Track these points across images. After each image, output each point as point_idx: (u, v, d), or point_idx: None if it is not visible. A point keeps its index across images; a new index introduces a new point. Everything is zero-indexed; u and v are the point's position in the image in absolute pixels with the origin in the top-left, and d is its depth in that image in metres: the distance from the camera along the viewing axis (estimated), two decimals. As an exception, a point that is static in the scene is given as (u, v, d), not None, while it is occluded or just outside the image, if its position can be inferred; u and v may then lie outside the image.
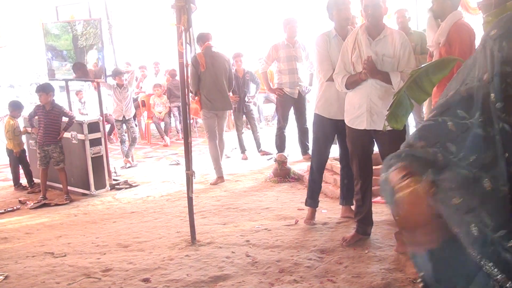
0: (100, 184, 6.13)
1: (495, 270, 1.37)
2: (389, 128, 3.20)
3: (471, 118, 1.43)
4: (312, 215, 4.36)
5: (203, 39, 6.19)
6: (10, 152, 6.59)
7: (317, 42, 4.16)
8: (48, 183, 6.17)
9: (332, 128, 4.22)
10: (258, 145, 7.55)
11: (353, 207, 4.29)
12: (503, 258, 1.38)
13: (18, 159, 6.59)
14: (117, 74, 7.42)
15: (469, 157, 1.42)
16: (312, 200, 4.36)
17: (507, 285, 1.37)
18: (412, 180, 1.43)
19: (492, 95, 1.39)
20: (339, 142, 4.41)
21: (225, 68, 6.26)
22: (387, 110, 3.18)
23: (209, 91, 6.10)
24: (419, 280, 1.58)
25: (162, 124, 9.23)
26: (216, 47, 6.32)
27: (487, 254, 1.39)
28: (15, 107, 6.63)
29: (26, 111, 6.65)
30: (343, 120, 3.83)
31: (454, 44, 3.58)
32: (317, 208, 4.40)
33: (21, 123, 6.67)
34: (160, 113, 9.18)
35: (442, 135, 1.47)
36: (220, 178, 6.18)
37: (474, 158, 1.42)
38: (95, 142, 6.07)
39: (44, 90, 5.91)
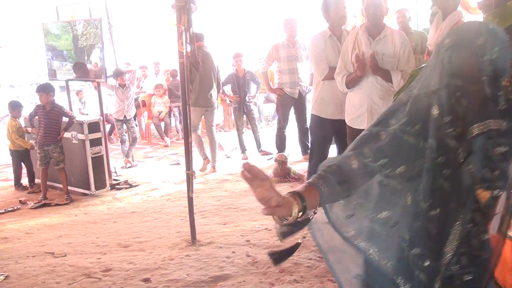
0: (100, 184, 6.13)
1: None
2: (389, 128, 3.20)
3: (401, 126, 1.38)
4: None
5: (196, 38, 6.29)
6: (13, 153, 6.58)
7: (312, 42, 4.16)
8: (48, 183, 6.17)
9: (330, 128, 4.21)
10: (259, 145, 7.54)
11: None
12: (417, 278, 1.33)
13: (21, 159, 6.57)
14: (119, 74, 7.42)
15: (397, 166, 1.37)
16: None
17: None
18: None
19: (435, 106, 1.33)
20: (336, 142, 4.41)
21: (214, 68, 6.49)
22: (388, 110, 3.18)
23: (195, 89, 6.32)
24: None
25: (162, 124, 9.23)
26: (207, 48, 6.53)
27: (401, 272, 1.35)
28: (15, 107, 6.61)
29: (26, 111, 6.64)
30: (341, 120, 3.83)
31: None
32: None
33: (21, 123, 6.66)
34: (160, 112, 9.18)
35: (366, 143, 1.41)
36: (206, 159, 6.50)
37: (403, 169, 1.37)
38: (95, 142, 6.07)
39: (45, 90, 5.91)
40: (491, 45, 1.28)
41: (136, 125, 8.59)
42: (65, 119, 5.96)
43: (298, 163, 6.46)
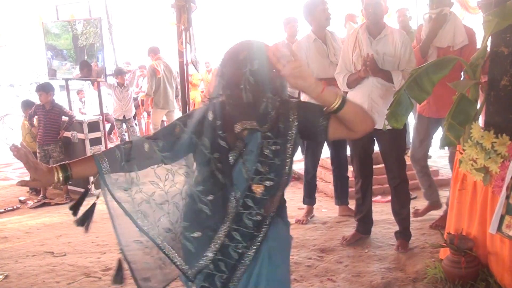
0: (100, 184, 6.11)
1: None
2: (389, 127, 3.20)
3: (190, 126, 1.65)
4: (310, 211, 4.45)
5: (155, 51, 7.46)
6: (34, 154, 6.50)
7: (297, 48, 4.08)
8: (48, 182, 6.16)
9: None
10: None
11: (349, 206, 4.32)
12: (184, 247, 1.69)
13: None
14: (120, 73, 7.43)
15: (177, 159, 1.66)
16: (310, 199, 4.44)
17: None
18: None
19: (210, 112, 1.63)
20: (328, 144, 4.42)
21: (174, 75, 7.43)
22: (387, 110, 3.17)
23: (161, 93, 7.28)
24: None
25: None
26: (165, 58, 7.53)
27: (167, 240, 1.70)
28: (27, 107, 6.47)
29: (26, 111, 6.62)
30: None
31: (469, 48, 3.62)
32: (317, 207, 4.42)
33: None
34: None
35: (165, 135, 1.68)
36: None
37: (184, 164, 1.68)
38: (95, 142, 6.07)
39: (44, 89, 5.90)
40: (252, 58, 1.55)
41: (136, 125, 8.59)
42: (65, 118, 5.96)
43: (298, 162, 6.45)
